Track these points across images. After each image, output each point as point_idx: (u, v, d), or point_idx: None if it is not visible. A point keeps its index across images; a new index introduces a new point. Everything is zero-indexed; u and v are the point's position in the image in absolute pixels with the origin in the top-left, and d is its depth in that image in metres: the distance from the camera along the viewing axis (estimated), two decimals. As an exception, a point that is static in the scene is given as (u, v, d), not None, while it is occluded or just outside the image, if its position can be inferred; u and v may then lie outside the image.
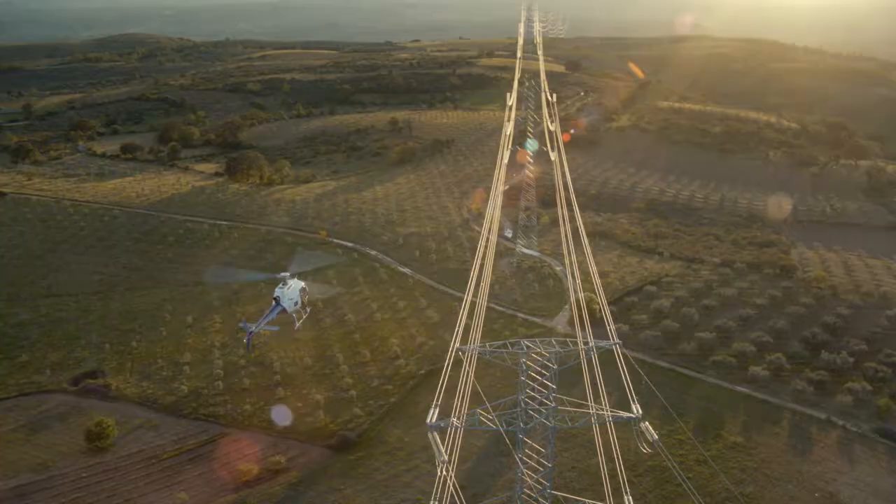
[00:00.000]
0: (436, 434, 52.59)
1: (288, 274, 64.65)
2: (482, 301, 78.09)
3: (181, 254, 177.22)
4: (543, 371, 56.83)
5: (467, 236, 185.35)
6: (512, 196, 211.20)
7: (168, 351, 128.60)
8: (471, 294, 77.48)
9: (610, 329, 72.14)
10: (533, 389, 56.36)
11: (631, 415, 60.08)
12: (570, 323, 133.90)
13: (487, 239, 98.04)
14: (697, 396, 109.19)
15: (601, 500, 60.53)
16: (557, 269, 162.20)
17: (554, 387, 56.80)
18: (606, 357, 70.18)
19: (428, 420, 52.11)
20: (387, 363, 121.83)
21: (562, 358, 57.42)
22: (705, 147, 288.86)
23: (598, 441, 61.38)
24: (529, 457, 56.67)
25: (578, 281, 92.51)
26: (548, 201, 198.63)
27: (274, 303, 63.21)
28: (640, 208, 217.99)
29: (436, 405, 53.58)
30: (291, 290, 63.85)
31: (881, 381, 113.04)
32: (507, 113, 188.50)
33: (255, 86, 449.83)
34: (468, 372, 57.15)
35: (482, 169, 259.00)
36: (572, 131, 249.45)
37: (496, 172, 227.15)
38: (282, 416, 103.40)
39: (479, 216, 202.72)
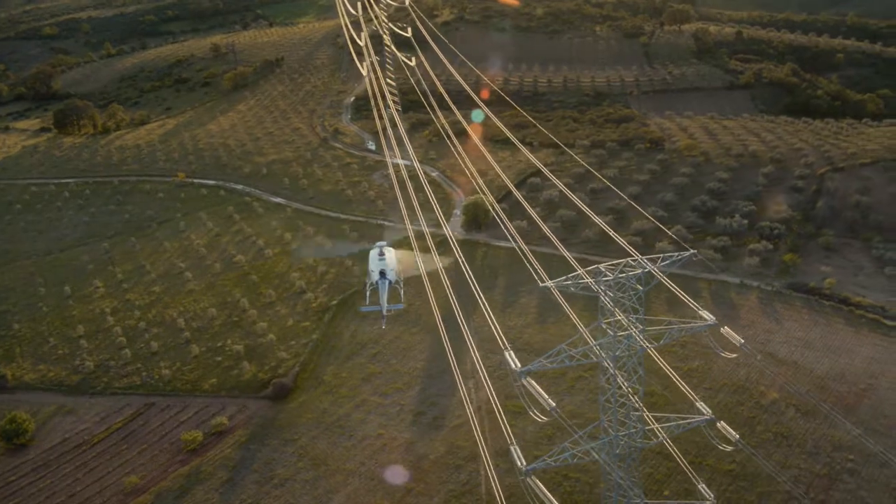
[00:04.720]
0: (531, 381, 49.09)
1: (384, 243, 59.01)
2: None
3: (34, 221, 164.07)
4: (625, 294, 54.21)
5: (332, 155, 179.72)
6: (362, 108, 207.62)
7: (56, 327, 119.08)
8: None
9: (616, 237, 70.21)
10: (614, 315, 53.44)
11: (708, 322, 58.90)
12: (465, 227, 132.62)
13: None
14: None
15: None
16: (433, 174, 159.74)
17: (641, 308, 54.63)
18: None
19: (514, 366, 48.40)
20: (295, 299, 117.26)
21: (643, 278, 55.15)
22: (532, 31, 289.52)
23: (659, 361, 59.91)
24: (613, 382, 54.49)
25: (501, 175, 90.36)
26: (403, 107, 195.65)
27: (380, 277, 57.66)
28: (491, 101, 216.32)
29: (507, 347, 49.98)
30: (390, 259, 58.63)
31: (778, 238, 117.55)
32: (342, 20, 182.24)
33: (52, 29, 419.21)
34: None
35: (321, 84, 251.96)
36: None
37: (363, 84, 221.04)
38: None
39: (337, 133, 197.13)
